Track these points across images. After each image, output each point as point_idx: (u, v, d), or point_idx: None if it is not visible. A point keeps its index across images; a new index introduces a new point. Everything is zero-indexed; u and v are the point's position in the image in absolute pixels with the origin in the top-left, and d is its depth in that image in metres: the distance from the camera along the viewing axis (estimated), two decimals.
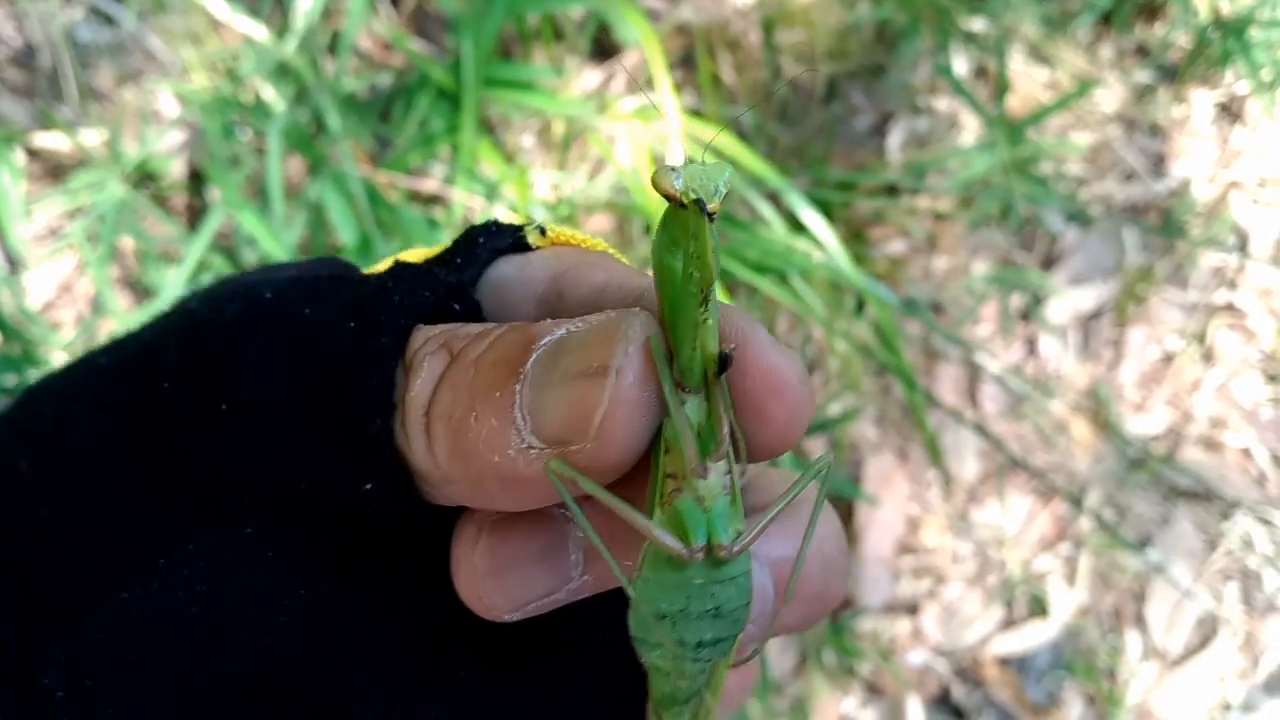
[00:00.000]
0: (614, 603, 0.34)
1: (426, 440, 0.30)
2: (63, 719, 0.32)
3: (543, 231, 0.37)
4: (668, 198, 0.29)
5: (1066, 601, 1.52)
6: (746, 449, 0.32)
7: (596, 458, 0.29)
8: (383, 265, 0.39)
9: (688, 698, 0.33)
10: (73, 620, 0.32)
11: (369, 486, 0.31)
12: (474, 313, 0.36)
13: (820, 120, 1.54)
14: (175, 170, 1.42)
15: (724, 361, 0.30)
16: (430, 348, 0.32)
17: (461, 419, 0.30)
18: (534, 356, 0.29)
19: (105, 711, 0.32)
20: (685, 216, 0.29)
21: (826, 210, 1.33)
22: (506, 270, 0.37)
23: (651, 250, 0.31)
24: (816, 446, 1.51)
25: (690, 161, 0.29)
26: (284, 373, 0.32)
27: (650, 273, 0.32)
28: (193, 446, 0.32)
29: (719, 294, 0.31)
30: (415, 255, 0.39)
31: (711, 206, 0.29)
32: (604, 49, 1.52)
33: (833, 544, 0.35)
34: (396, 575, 0.35)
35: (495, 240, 0.37)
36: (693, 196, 0.29)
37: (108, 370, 0.35)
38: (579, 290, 0.35)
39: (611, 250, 0.40)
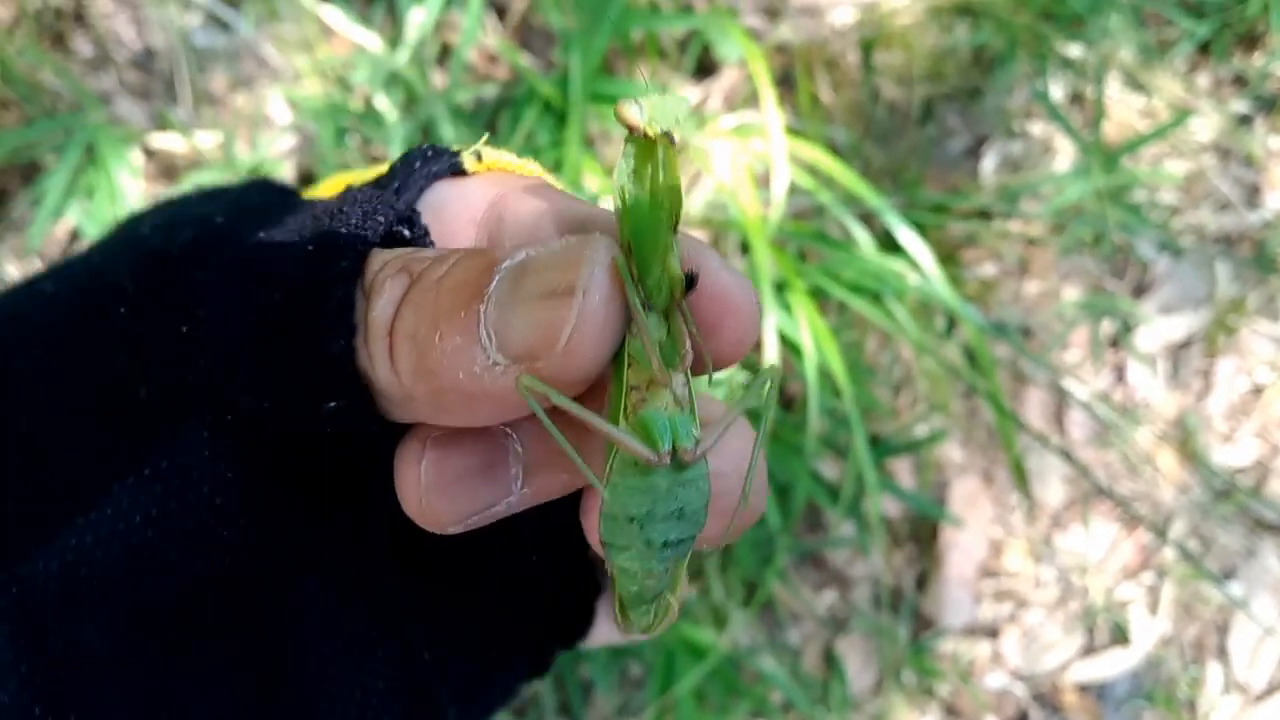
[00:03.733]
0: (546, 519, 0.36)
1: (390, 360, 0.31)
2: (9, 653, 0.32)
3: (479, 157, 0.38)
4: (631, 129, 0.30)
5: (1148, 631, 1.51)
6: (708, 361, 0.34)
7: (563, 372, 0.30)
8: (324, 188, 0.39)
9: (653, 596, 0.35)
10: (22, 553, 0.32)
11: (332, 405, 0.32)
12: (422, 239, 0.36)
13: (915, 141, 1.55)
14: (285, 174, 1.46)
15: (690, 281, 0.32)
16: (390, 270, 0.32)
17: (426, 338, 0.30)
18: (497, 278, 0.30)
19: (57, 639, 0.32)
20: (650, 147, 0.31)
21: (920, 231, 1.34)
22: (444, 194, 0.37)
23: (614, 181, 0.32)
24: (901, 468, 1.52)
25: (646, 94, 0.31)
26: (241, 296, 0.32)
27: (591, 203, 0.32)
28: (146, 370, 0.32)
29: None
30: (354, 178, 0.39)
31: (678, 136, 0.30)
32: (702, 67, 1.54)
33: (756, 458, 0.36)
34: (345, 491, 0.36)
35: (432, 165, 0.37)
36: (659, 128, 0.30)
37: (55, 296, 0.35)
38: (519, 214, 0.35)
39: (547, 175, 0.40)
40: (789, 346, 1.34)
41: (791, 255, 1.38)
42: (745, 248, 1.42)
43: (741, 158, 1.37)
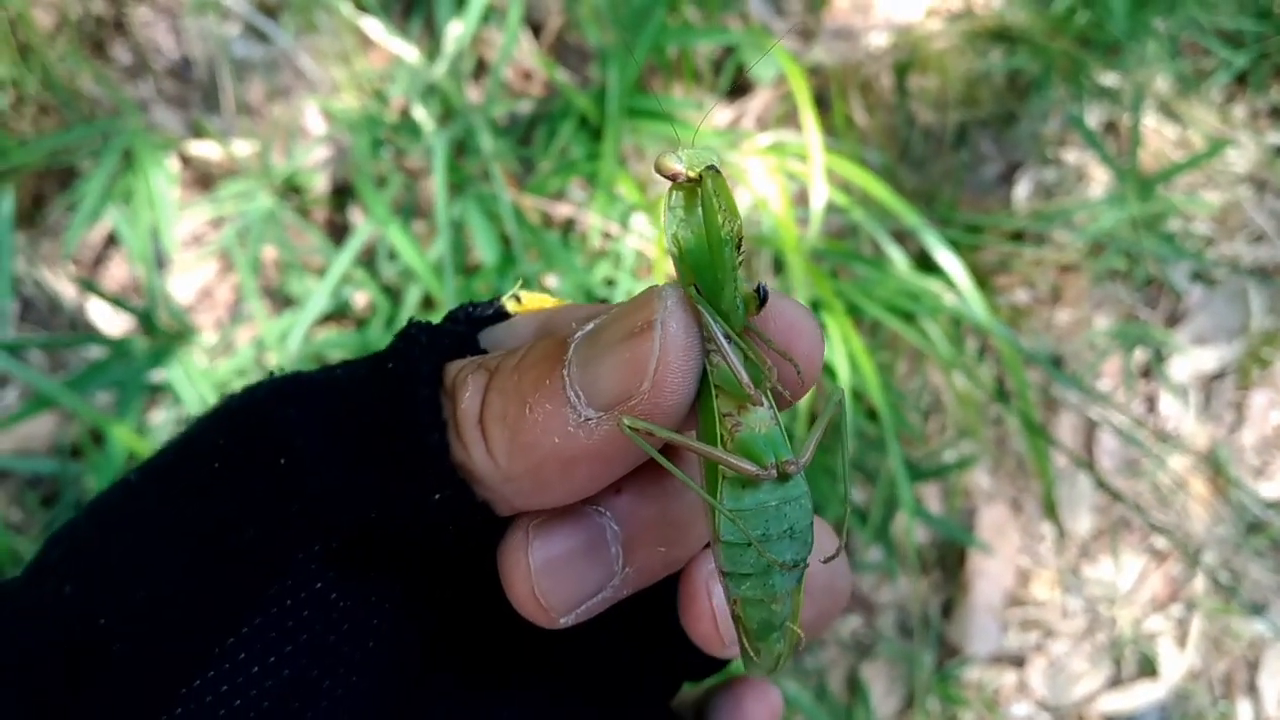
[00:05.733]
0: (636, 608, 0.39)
1: (485, 445, 0.33)
2: None
3: (518, 300, 0.41)
4: (674, 177, 0.33)
5: (1177, 664, 1.49)
6: (798, 369, 0.36)
7: (656, 404, 0.32)
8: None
9: (781, 622, 0.36)
10: (150, 692, 0.33)
11: (438, 496, 0.34)
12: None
13: (948, 166, 1.54)
14: (319, 185, 1.46)
15: (762, 296, 0.34)
16: (469, 369, 0.35)
17: (516, 415, 0.33)
18: (574, 345, 0.33)
19: None
20: (694, 189, 0.33)
21: (954, 251, 1.33)
22: (494, 333, 0.40)
23: (665, 234, 0.34)
24: (930, 494, 1.51)
25: (680, 147, 0.33)
26: (334, 417, 0.35)
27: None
28: (250, 511, 0.34)
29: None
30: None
31: (719, 167, 0.33)
32: (735, 87, 1.55)
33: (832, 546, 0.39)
34: (458, 602, 0.38)
35: (480, 311, 0.40)
36: (702, 166, 0.33)
37: (142, 482, 0.37)
38: (565, 328, 0.37)
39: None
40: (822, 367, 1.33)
41: (826, 273, 1.37)
42: (778, 266, 1.41)
43: (776, 176, 1.37)
